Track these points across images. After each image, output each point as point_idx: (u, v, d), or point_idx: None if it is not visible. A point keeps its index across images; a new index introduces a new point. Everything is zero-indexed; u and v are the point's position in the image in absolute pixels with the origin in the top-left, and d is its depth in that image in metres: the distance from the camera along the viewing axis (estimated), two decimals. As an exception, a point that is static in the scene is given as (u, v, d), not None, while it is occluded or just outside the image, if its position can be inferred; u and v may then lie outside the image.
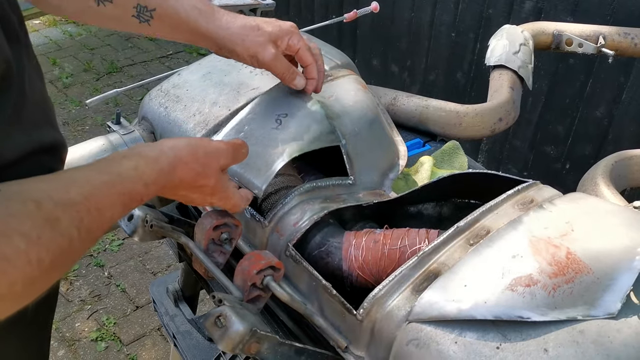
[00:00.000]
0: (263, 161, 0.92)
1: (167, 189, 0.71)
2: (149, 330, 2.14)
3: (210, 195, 0.78)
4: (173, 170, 0.70)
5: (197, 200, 0.78)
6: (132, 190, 0.64)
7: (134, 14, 0.89)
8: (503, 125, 1.39)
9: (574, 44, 1.57)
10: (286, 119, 0.97)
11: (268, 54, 0.91)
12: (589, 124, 2.24)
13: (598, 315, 0.65)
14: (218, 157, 0.76)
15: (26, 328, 0.86)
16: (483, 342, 0.65)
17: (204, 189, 0.76)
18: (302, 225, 0.86)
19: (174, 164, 0.70)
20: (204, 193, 0.77)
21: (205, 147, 0.74)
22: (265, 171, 0.91)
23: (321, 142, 0.95)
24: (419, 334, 0.68)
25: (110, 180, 0.61)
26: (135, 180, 0.64)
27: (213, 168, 0.75)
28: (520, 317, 0.64)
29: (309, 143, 0.94)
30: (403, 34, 2.91)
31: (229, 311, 0.68)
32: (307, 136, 0.95)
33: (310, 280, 0.82)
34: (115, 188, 0.61)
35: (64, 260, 0.54)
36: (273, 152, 0.93)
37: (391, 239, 0.84)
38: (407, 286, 0.73)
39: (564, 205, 0.80)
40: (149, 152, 0.68)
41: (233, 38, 0.90)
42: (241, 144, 0.80)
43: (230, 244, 0.86)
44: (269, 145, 0.94)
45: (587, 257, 0.69)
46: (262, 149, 0.94)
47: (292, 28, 0.95)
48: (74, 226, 0.54)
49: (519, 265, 0.69)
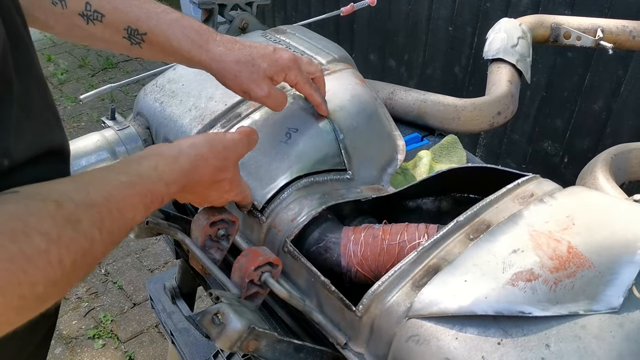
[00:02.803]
0: (267, 173, 0.92)
1: (188, 188, 0.71)
2: (147, 327, 2.13)
3: (227, 192, 0.79)
4: (194, 168, 0.70)
5: (214, 197, 0.79)
6: (153, 191, 0.63)
7: (125, 36, 0.87)
8: (502, 119, 1.38)
9: (572, 37, 1.56)
10: (296, 134, 0.96)
11: (261, 92, 0.88)
12: (588, 117, 2.23)
13: (600, 309, 0.64)
14: (235, 148, 0.77)
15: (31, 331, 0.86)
16: (484, 337, 0.64)
17: (223, 185, 0.77)
18: (300, 220, 0.86)
19: (195, 162, 0.70)
20: (222, 189, 0.77)
21: (222, 141, 0.75)
22: (268, 185, 0.91)
23: (326, 164, 0.95)
24: (419, 330, 0.67)
25: (130, 181, 0.61)
26: (156, 181, 0.64)
27: (232, 160, 0.76)
28: (521, 312, 0.64)
29: (315, 164, 0.94)
30: (400, 28, 2.90)
31: (226, 308, 0.67)
32: (314, 156, 0.95)
33: (308, 277, 0.81)
34: (135, 189, 0.61)
35: (85, 262, 0.53)
36: (278, 167, 0.92)
37: (390, 234, 0.84)
38: (406, 282, 0.72)
39: (565, 199, 0.79)
40: (168, 152, 0.68)
41: (225, 73, 0.88)
42: (252, 130, 0.81)
43: (227, 240, 0.85)
44: (275, 159, 0.93)
45: (589, 251, 0.68)
46: (269, 161, 0.93)
47: (290, 62, 0.90)
48: (96, 227, 0.54)
49: (519, 260, 0.68)
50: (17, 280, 0.45)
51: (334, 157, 0.96)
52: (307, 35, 1.22)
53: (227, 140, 0.76)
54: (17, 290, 0.45)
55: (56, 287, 0.49)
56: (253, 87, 0.88)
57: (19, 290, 0.45)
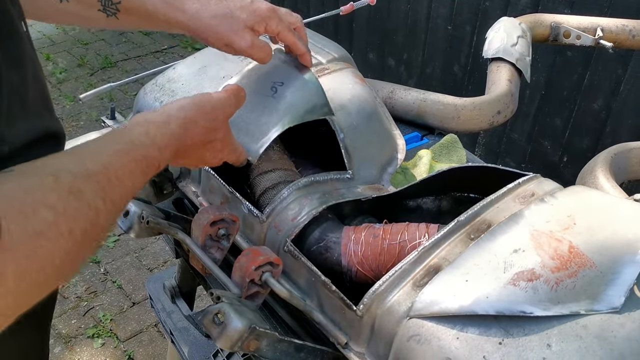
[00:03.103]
0: (257, 128, 0.92)
1: (181, 152, 0.71)
2: (146, 326, 2.13)
3: (220, 151, 0.79)
4: (185, 131, 0.70)
5: (209, 158, 0.79)
6: (147, 156, 0.64)
7: (100, 8, 0.86)
8: (501, 119, 1.38)
9: (572, 36, 1.56)
10: (282, 87, 0.95)
11: (244, 43, 0.87)
12: (587, 116, 2.23)
13: (601, 309, 0.64)
14: (224, 107, 0.76)
15: (27, 328, 0.85)
16: (485, 337, 0.64)
17: (215, 145, 0.77)
18: (301, 220, 0.85)
19: (185, 125, 0.70)
20: (215, 149, 0.78)
21: (210, 101, 0.75)
22: (260, 138, 0.91)
23: (316, 114, 0.95)
24: (420, 330, 0.67)
25: (123, 148, 0.61)
26: (149, 146, 0.64)
27: (221, 120, 0.76)
28: (522, 312, 0.63)
29: (304, 114, 0.93)
30: (399, 27, 2.90)
31: (227, 308, 0.67)
32: (302, 107, 0.94)
33: (309, 276, 0.81)
34: (131, 155, 0.61)
35: (94, 232, 0.54)
36: (268, 120, 0.92)
37: (391, 234, 0.84)
38: (407, 281, 0.72)
39: (565, 198, 0.79)
40: (158, 118, 0.68)
41: (204, 28, 0.87)
42: (239, 88, 0.80)
43: (227, 239, 0.85)
44: (263, 113, 0.93)
45: (590, 251, 0.68)
46: (257, 116, 0.93)
47: (269, 12, 0.89)
48: (99, 197, 0.54)
49: (521, 260, 0.68)
50: (35, 256, 0.46)
51: (322, 107, 0.96)
52: (307, 35, 1.21)
53: (215, 100, 0.76)
54: (36, 266, 0.46)
55: (71, 258, 0.50)
56: (235, 38, 0.87)
57: (38, 266, 0.46)
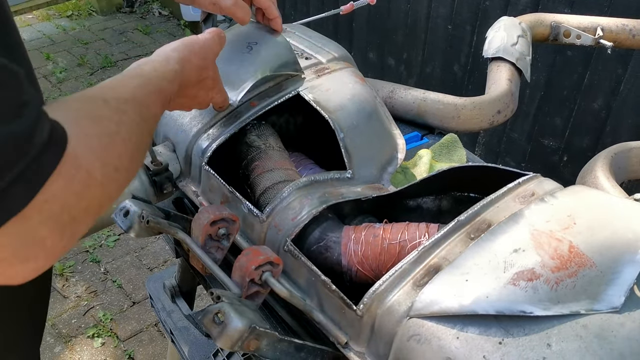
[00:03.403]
0: (237, 78, 1.01)
1: (182, 89, 0.78)
2: (146, 326, 2.13)
3: (211, 89, 0.87)
4: (182, 69, 0.77)
5: (202, 97, 0.87)
6: (162, 88, 0.71)
7: None
8: (501, 118, 1.38)
9: (572, 36, 1.55)
10: (257, 46, 1.06)
11: (228, 1, 0.96)
12: (587, 116, 2.23)
13: (601, 309, 0.64)
14: (211, 46, 0.84)
15: (21, 321, 0.86)
16: (485, 337, 0.64)
17: (207, 82, 0.85)
18: (301, 219, 0.85)
19: (181, 63, 0.77)
20: (207, 87, 0.86)
21: (198, 42, 0.83)
22: (240, 85, 1.01)
23: (287, 69, 1.06)
24: (420, 330, 0.67)
25: (141, 82, 0.67)
26: (161, 79, 0.72)
27: (210, 59, 0.84)
28: (522, 311, 0.64)
29: (277, 68, 1.04)
30: (399, 26, 2.89)
31: (227, 308, 0.67)
32: (275, 62, 1.04)
33: (309, 276, 0.81)
34: (149, 88, 0.68)
35: (142, 147, 0.63)
36: (246, 71, 1.02)
37: (391, 234, 0.84)
38: (407, 281, 0.72)
39: (566, 198, 0.79)
40: (156, 58, 0.76)
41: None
42: (219, 30, 0.89)
43: (227, 239, 0.85)
44: (241, 66, 1.03)
45: (590, 251, 0.68)
46: (235, 69, 1.03)
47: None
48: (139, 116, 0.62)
49: (521, 259, 0.68)
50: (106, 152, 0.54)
51: (293, 63, 1.06)
52: (307, 34, 1.22)
53: (202, 41, 0.83)
54: (110, 161, 0.54)
55: (133, 161, 0.60)
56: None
57: (112, 161, 0.54)
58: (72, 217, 0.49)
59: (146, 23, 4.69)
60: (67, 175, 0.47)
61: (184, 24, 4.55)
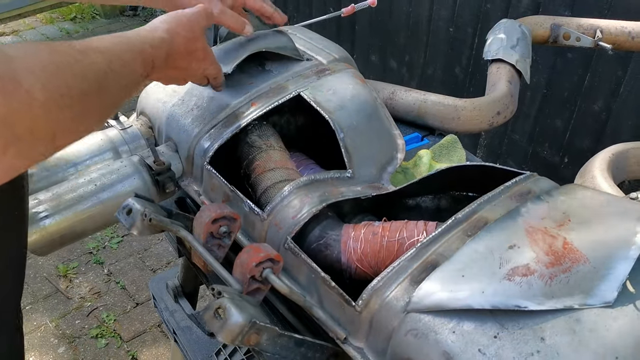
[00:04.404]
0: (235, 54, 1.08)
1: (171, 58, 0.83)
2: (149, 326, 2.14)
3: (203, 60, 0.91)
4: (171, 38, 0.82)
5: (195, 68, 0.91)
6: (143, 50, 0.75)
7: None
8: (501, 119, 1.39)
9: (572, 38, 1.57)
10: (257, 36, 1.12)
11: (216, 10, 0.99)
12: (587, 117, 2.24)
13: (595, 304, 0.65)
14: (199, 19, 0.88)
15: None
16: (481, 331, 0.65)
17: (197, 54, 0.89)
18: (301, 218, 0.87)
19: (169, 33, 0.82)
20: (198, 59, 0.89)
21: (185, 15, 0.87)
22: (237, 59, 1.06)
23: (287, 51, 1.13)
24: (417, 324, 0.69)
25: (121, 41, 0.72)
26: (143, 41, 0.75)
27: (198, 31, 0.88)
28: (517, 306, 0.65)
29: (277, 47, 1.11)
30: (401, 29, 2.91)
31: (228, 303, 0.68)
32: (275, 44, 1.12)
33: (309, 273, 0.82)
34: (128, 45, 0.72)
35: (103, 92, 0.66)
36: (245, 49, 1.08)
37: (390, 231, 0.85)
38: (405, 277, 0.73)
39: (561, 196, 0.80)
40: (144, 27, 0.81)
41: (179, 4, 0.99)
42: (205, 6, 0.92)
43: (229, 237, 0.86)
44: (241, 46, 1.10)
45: (584, 247, 0.70)
46: (235, 47, 1.10)
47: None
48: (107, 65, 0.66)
49: (516, 256, 0.70)
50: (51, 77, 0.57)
51: (292, 48, 1.14)
52: (308, 36, 1.23)
53: (189, 14, 0.88)
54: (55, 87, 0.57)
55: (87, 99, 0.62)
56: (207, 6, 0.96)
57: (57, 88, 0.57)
58: (15, 135, 0.53)
59: (150, 26, 4.72)
60: (5, 91, 0.51)
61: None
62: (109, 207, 0.96)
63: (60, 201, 0.93)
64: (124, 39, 0.73)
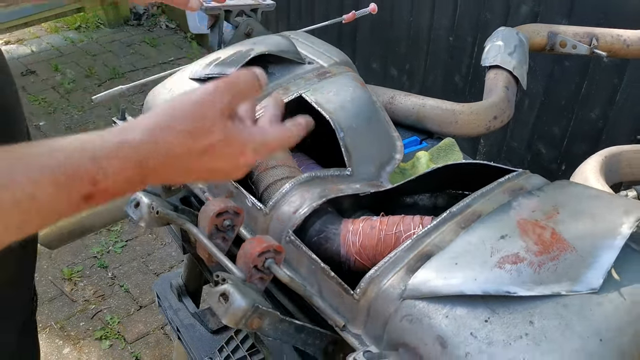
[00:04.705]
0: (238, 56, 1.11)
1: (159, 166, 0.56)
2: (153, 329, 2.18)
3: (234, 156, 0.61)
4: (153, 140, 0.55)
5: (225, 167, 0.61)
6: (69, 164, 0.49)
7: None
8: (498, 123, 1.43)
9: (568, 46, 1.60)
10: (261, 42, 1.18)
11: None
12: (585, 125, 2.28)
13: (581, 290, 0.69)
14: (212, 101, 0.58)
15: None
16: (473, 315, 0.68)
17: (216, 150, 0.59)
18: (302, 212, 0.90)
19: (151, 133, 0.55)
20: (222, 156, 0.60)
21: (191, 98, 0.58)
22: (239, 62, 1.09)
23: (289, 54, 1.16)
24: (412, 310, 0.72)
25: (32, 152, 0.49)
26: (75, 150, 0.50)
27: (211, 118, 0.58)
28: (507, 292, 0.68)
29: (278, 51, 1.15)
30: (402, 37, 2.95)
31: (231, 288, 0.71)
32: (276, 47, 1.15)
33: (309, 264, 0.86)
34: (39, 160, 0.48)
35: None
36: (247, 53, 1.12)
37: (387, 225, 0.88)
38: (401, 267, 0.77)
39: (551, 191, 0.84)
40: (113, 128, 0.56)
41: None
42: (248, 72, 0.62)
43: (232, 230, 0.90)
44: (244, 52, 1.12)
45: (571, 237, 0.73)
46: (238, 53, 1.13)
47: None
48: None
49: (507, 245, 0.73)
50: None
51: (295, 52, 1.18)
52: (310, 40, 1.27)
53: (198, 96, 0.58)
54: None
55: None
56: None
57: None
58: None
59: (153, 36, 4.77)
60: None
61: (191, 37, 4.63)
62: (116, 203, 1.00)
63: (70, 196, 0.96)
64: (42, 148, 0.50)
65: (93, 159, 0.50)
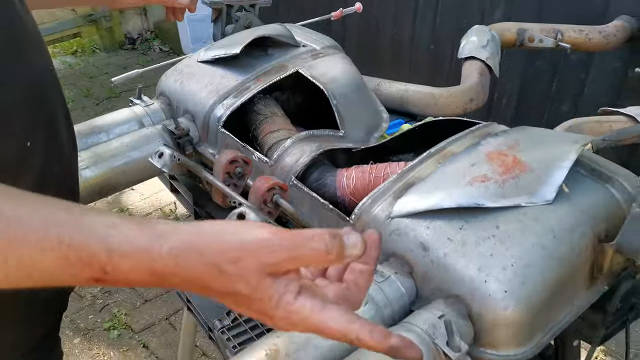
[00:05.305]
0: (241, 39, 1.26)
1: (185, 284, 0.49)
2: (158, 320, 2.28)
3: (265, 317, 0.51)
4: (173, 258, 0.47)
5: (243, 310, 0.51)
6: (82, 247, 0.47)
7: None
8: (474, 106, 1.58)
9: (536, 40, 1.77)
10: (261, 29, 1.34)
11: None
12: (557, 118, 2.43)
13: (537, 202, 0.83)
14: (257, 253, 0.48)
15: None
16: (449, 225, 0.82)
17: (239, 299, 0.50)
18: (302, 161, 1.04)
19: (177, 248, 0.48)
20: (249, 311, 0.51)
21: (242, 237, 0.49)
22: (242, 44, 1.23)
23: (284, 38, 1.31)
24: (399, 226, 0.86)
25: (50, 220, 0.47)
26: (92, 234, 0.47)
27: (250, 269, 0.48)
28: (477, 204, 0.82)
29: (277, 35, 1.31)
30: (387, 47, 3.13)
31: (247, 209, 0.85)
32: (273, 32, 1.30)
33: (311, 202, 1.00)
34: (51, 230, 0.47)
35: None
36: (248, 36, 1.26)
37: (376, 170, 1.03)
38: (389, 195, 0.91)
39: (514, 132, 0.99)
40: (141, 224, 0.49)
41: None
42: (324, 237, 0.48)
43: (242, 178, 1.04)
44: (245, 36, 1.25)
45: (530, 161, 0.88)
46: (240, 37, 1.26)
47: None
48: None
49: (476, 169, 0.87)
50: None
51: (291, 37, 1.31)
52: (302, 30, 1.43)
53: (247, 237, 0.49)
54: None
55: None
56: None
57: None
58: None
59: (147, 59, 4.92)
60: None
61: (183, 58, 4.78)
62: (139, 163, 1.13)
63: (97, 158, 1.10)
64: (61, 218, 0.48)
65: (108, 251, 0.47)
